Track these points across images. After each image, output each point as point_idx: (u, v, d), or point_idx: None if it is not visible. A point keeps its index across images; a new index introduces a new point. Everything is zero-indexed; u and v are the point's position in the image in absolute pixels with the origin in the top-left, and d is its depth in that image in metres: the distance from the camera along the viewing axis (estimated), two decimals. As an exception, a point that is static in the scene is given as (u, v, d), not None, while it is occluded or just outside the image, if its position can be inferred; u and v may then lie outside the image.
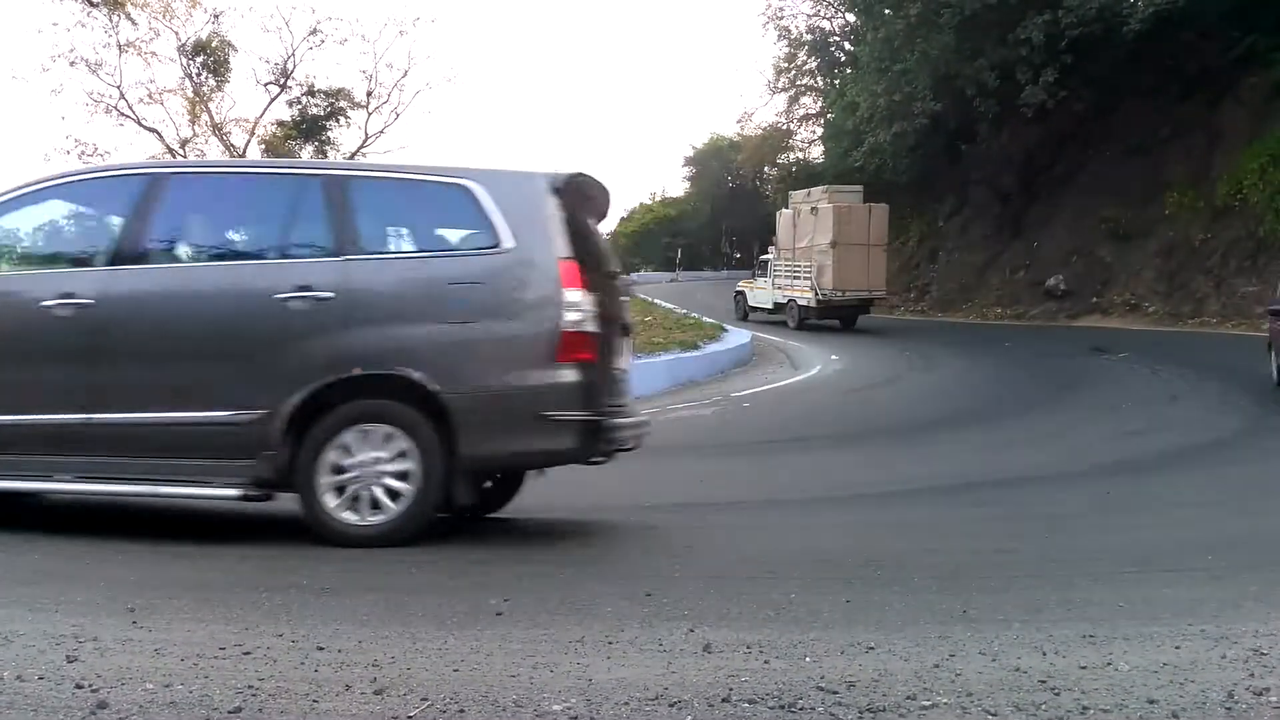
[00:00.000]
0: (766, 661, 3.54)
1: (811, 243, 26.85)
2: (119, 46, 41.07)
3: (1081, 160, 31.19)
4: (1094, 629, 3.96)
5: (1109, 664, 3.50)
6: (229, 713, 2.98)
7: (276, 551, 5.71)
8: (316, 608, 4.28)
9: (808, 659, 3.58)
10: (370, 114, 48.63)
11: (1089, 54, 26.36)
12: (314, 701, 3.10)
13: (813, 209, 27.70)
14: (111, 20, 40.11)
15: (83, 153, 42.38)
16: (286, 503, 5.47)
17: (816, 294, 26.41)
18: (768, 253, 30.24)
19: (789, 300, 27.92)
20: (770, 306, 29.33)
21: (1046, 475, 9.05)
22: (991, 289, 32.51)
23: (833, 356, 22.15)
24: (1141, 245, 26.66)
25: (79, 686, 3.15)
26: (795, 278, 27.62)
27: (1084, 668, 3.46)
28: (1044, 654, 3.62)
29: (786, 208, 30.54)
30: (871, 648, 3.71)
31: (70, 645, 3.58)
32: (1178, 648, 3.71)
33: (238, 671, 3.35)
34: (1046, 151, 32.07)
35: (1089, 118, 29.64)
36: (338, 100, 48.74)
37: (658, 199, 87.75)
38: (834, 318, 26.96)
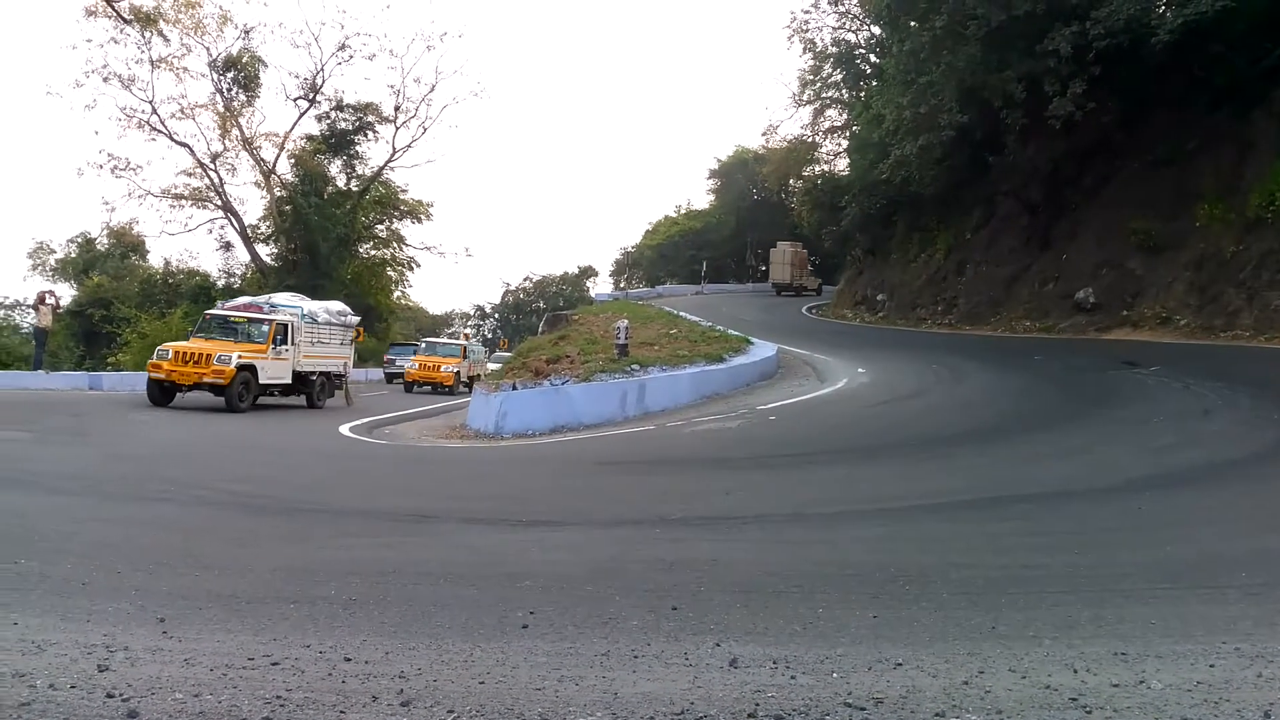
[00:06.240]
0: (793, 677, 3.52)
1: (773, 261, 63.21)
2: (151, 62, 41.86)
3: (1110, 172, 30.94)
4: (1126, 646, 3.92)
5: (1141, 682, 3.46)
6: (257, 723, 3.00)
7: (305, 563, 5.76)
8: (344, 619, 4.30)
9: (835, 675, 3.56)
10: (398, 129, 49.27)
11: (1117, 65, 26.18)
12: (341, 712, 3.12)
13: (774, 248, 63.57)
14: (144, 36, 40.89)
15: (115, 167, 43.18)
16: (318, 514, 5.49)
17: (772, 283, 62.29)
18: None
19: (773, 284, 62.67)
20: (774, 288, 62.08)
21: (1076, 490, 8.95)
22: (1020, 302, 32.26)
23: (859, 370, 22.06)
24: (1172, 258, 26.35)
25: (110, 695, 3.19)
26: (776, 277, 62.41)
27: (1116, 685, 3.42)
28: (1075, 671, 3.58)
29: (774, 246, 64.23)
30: (900, 664, 3.69)
31: (101, 654, 3.62)
32: (1212, 666, 3.66)
33: (266, 682, 3.38)
34: (1074, 163, 31.84)
35: (1117, 129, 29.42)
36: (366, 115, 49.36)
37: (682, 211, 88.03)
38: (783, 293, 60.04)
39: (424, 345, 38.37)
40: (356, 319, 26.29)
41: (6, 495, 8.06)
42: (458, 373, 33.88)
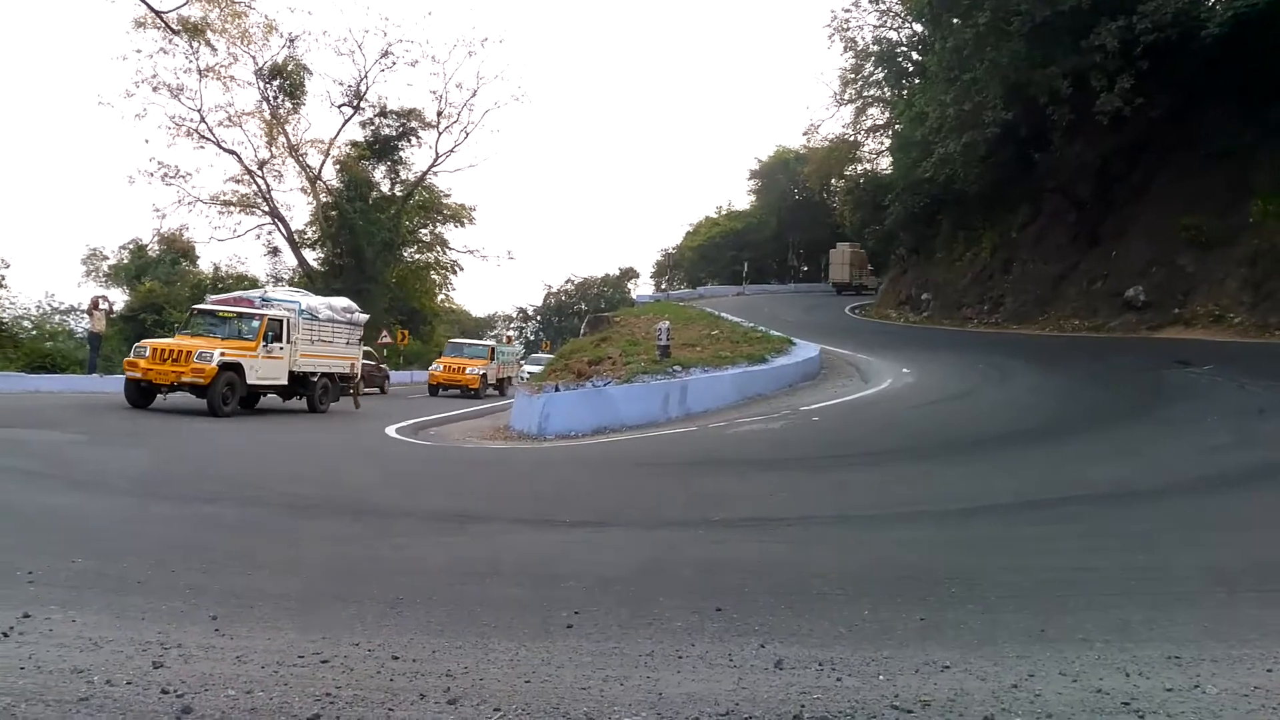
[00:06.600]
0: (839, 679, 3.50)
1: (832, 262, 65.15)
2: (199, 72, 42.57)
3: (1159, 167, 30.36)
4: (1179, 650, 3.85)
5: (1196, 686, 3.39)
6: (308, 720, 3.05)
7: (353, 562, 5.83)
8: (392, 618, 4.35)
9: (881, 677, 3.54)
10: (440, 134, 49.73)
11: (1166, 59, 25.69)
12: (389, 710, 3.16)
13: (835, 249, 64.80)
14: (192, 46, 41.57)
15: (165, 175, 44.05)
16: (365, 515, 5.55)
17: (831, 283, 64.12)
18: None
19: (832, 284, 64.26)
20: (833, 287, 63.62)
21: (1127, 491, 8.80)
22: (1068, 300, 31.74)
23: (904, 370, 21.86)
24: (1225, 254, 25.78)
25: (164, 692, 3.25)
26: (835, 277, 64.35)
27: (1169, 690, 3.36)
28: (1127, 675, 3.53)
29: (834, 247, 65.66)
30: (947, 666, 3.65)
31: (156, 651, 3.70)
32: (1269, 671, 3.58)
33: (316, 679, 3.43)
34: (1123, 159, 31.29)
35: (1167, 124, 28.84)
36: (409, 121, 49.91)
37: (723, 212, 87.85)
38: (843, 292, 61.11)
39: (449, 346, 36.62)
40: (365, 316, 24.77)
41: (63, 496, 8.25)
42: (484, 375, 32.82)
